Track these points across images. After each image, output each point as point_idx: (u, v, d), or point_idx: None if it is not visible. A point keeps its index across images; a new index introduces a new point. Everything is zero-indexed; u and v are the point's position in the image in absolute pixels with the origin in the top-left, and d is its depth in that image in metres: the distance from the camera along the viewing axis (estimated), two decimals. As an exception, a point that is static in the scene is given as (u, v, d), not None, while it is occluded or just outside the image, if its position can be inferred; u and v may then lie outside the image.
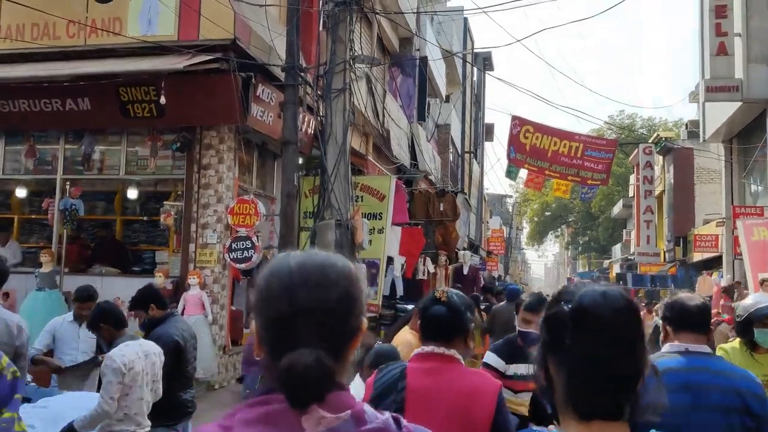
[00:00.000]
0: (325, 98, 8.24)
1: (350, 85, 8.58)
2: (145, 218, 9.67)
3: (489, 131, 37.37)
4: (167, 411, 3.81)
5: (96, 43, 7.75)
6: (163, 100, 7.33)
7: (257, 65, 8.04)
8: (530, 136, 20.41)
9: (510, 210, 58.40)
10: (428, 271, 12.23)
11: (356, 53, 8.96)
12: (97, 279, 7.94)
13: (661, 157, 29.23)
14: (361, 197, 9.95)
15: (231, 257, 8.07)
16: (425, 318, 2.35)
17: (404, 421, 1.10)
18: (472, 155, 30.12)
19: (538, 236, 58.25)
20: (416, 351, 2.32)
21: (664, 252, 28.77)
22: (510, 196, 59.05)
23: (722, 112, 18.79)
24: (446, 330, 2.30)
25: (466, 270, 13.02)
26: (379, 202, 9.92)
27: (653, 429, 1.21)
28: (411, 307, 10.74)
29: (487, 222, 42.91)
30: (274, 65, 8.31)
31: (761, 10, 16.10)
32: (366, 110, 11.85)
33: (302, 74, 8.27)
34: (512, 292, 9.77)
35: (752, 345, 3.39)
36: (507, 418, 2.26)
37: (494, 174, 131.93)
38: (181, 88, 7.90)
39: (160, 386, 3.66)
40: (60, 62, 7.83)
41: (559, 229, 58.88)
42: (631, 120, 49.46)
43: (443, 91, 22.35)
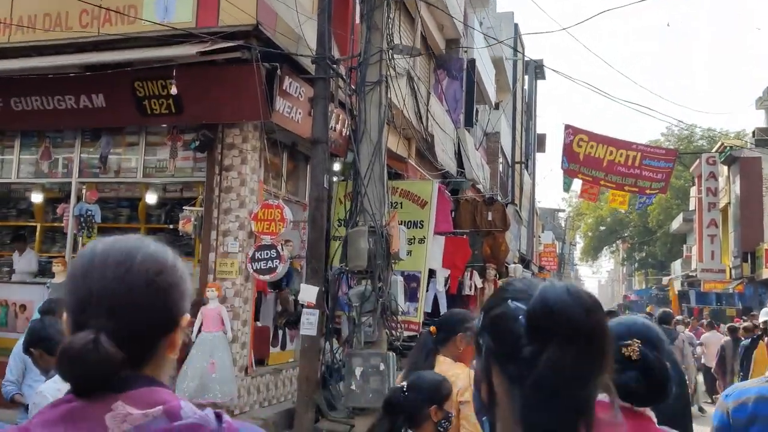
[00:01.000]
0: (359, 91, 7.41)
1: (387, 78, 7.74)
2: (171, 226, 8.97)
3: (541, 142, 36.13)
4: None
5: (110, 32, 7.11)
6: (175, 90, 6.64)
7: (283, 55, 7.28)
8: (584, 145, 19.59)
9: (563, 225, 56.80)
10: (475, 286, 11.23)
11: (395, 44, 8.12)
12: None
13: (726, 168, 27.48)
14: (401, 203, 9.07)
15: (254, 268, 7.28)
16: None
17: (226, 417, 1.01)
18: (523, 166, 28.93)
19: (593, 252, 56.36)
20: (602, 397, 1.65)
21: (730, 268, 26.94)
22: (563, 210, 57.49)
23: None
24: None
25: (517, 285, 12.00)
26: (420, 209, 9.01)
27: None
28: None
29: (539, 236, 41.56)
30: (303, 55, 7.53)
31: None
32: (407, 111, 10.99)
33: (334, 66, 7.48)
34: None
35: None
36: None
37: (547, 187, 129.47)
38: (201, 82, 7.20)
39: None
40: (72, 54, 7.23)
41: (615, 245, 56.81)
42: (690, 131, 47.42)
43: (493, 98, 21.39)
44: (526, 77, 32.05)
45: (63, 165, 8.41)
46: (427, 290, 9.14)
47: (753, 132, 26.13)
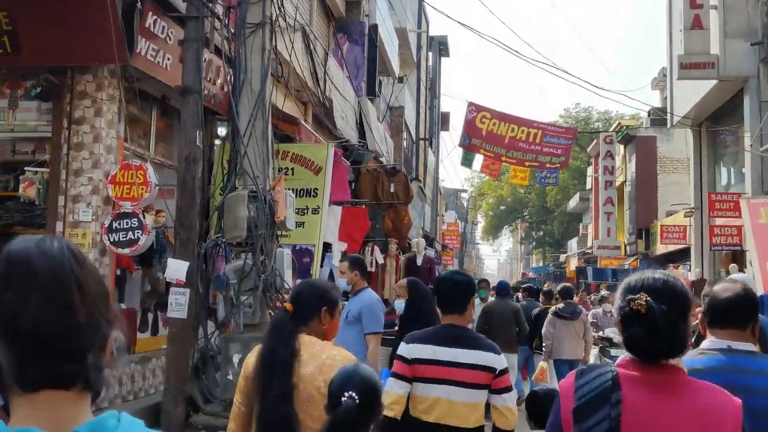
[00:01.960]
0: (238, 34, 6.36)
1: (273, 23, 6.72)
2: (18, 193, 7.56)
3: (445, 120, 35.86)
4: None
5: None
6: (8, 24, 5.34)
7: (145, -14, 6.10)
8: (487, 122, 19.58)
9: (465, 205, 57.36)
10: (376, 262, 10.44)
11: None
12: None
13: (623, 147, 28.13)
14: (292, 169, 8.10)
15: (111, 240, 6.11)
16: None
17: None
18: (427, 143, 28.47)
19: (493, 231, 57.34)
20: (626, 355, 1.80)
21: (625, 245, 27.68)
22: (465, 191, 58.05)
23: (692, 94, 17.50)
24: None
25: (420, 261, 11.28)
26: (314, 176, 8.08)
27: None
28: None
29: (443, 215, 41.56)
30: (171, -11, 6.38)
31: (741, -22, 14.84)
32: (302, 71, 9.98)
33: (209, 4, 6.39)
34: (503, 287, 9.47)
35: None
36: None
37: (452, 167, 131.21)
38: (43, 14, 5.92)
39: None
40: None
41: (514, 224, 57.99)
42: (587, 113, 48.78)
43: (396, 70, 20.61)
44: (431, 54, 31.61)
45: None
46: (322, 266, 8.24)
47: (648, 112, 26.80)
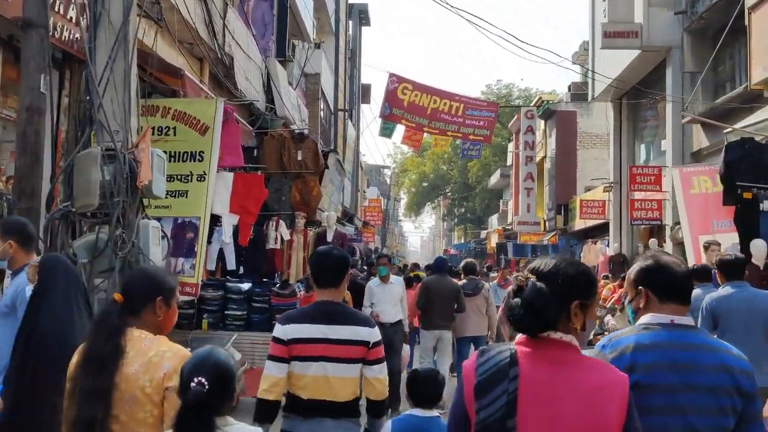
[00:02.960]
0: (91, -48, 5.11)
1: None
2: None
3: (365, 92, 34.83)
4: None
5: None
6: None
7: None
8: (408, 93, 19.00)
9: (388, 182, 56.75)
10: (281, 238, 9.36)
11: None
12: None
13: (543, 122, 27.90)
14: (173, 129, 6.90)
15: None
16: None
17: None
18: (347, 115, 27.38)
19: (416, 208, 57.02)
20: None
21: (544, 221, 27.58)
22: (388, 167, 57.41)
23: (613, 67, 17.16)
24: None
25: (331, 236, 10.28)
26: (200, 137, 6.89)
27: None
28: (246, 286, 7.83)
29: (364, 191, 40.75)
30: None
31: (664, -56, 14.43)
32: (194, 20, 8.72)
33: None
34: (441, 263, 9.10)
35: None
36: (639, 424, 1.86)
37: (374, 143, 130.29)
38: None
39: None
40: None
41: (436, 201, 57.88)
42: (508, 90, 48.87)
43: (312, 34, 19.39)
44: (351, 22, 30.43)
45: None
46: (210, 242, 7.12)
47: (569, 87, 26.62)
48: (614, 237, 19.09)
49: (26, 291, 3.50)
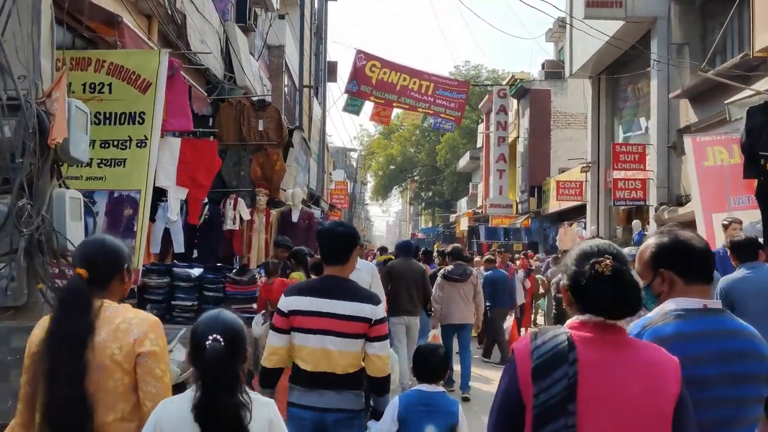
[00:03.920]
0: None
1: None
2: None
3: (332, 70, 33.45)
4: None
5: None
6: None
7: None
8: (377, 71, 18.35)
9: (354, 165, 55.66)
10: (241, 217, 8.31)
11: None
12: None
13: (516, 102, 27.12)
14: (109, 85, 5.80)
15: None
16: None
17: None
18: (313, 92, 26.18)
19: (383, 191, 55.97)
20: (578, 318, 1.89)
21: (517, 203, 26.90)
22: (354, 150, 56.30)
23: (593, 42, 16.34)
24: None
25: (296, 216, 9.24)
26: (141, 95, 5.80)
27: None
28: (197, 272, 6.69)
29: (330, 174, 39.62)
30: None
31: None
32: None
33: None
34: (406, 246, 8.58)
35: None
36: (689, 402, 1.83)
37: (341, 124, 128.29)
38: None
39: None
40: None
41: (404, 184, 56.95)
42: (477, 71, 48.06)
43: (275, 4, 18.19)
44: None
45: None
46: (153, 220, 6.04)
47: (542, 64, 25.84)
48: (591, 219, 18.42)
49: None
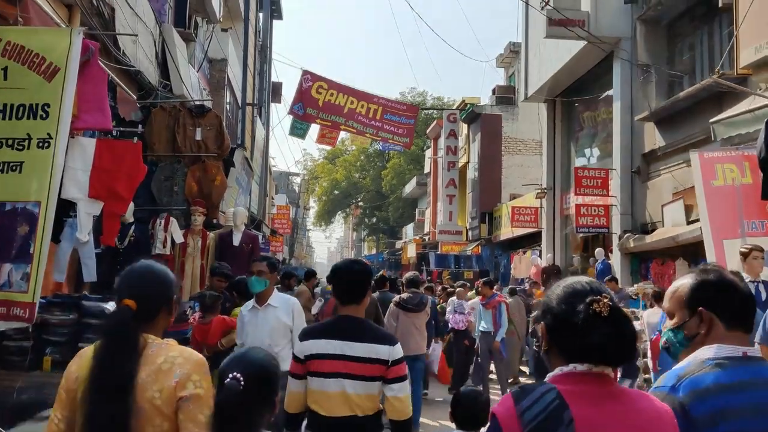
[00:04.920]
0: None
1: None
2: None
3: (276, 91, 32.38)
4: None
5: None
6: None
7: None
8: (324, 92, 17.40)
9: (297, 190, 54.36)
10: (173, 240, 7.08)
11: None
12: None
13: (466, 126, 26.58)
14: (4, 70, 4.60)
15: None
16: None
17: None
18: (256, 111, 25.00)
19: (326, 216, 54.78)
20: (561, 369, 1.68)
21: (467, 230, 26.20)
22: (297, 174, 55.02)
23: (550, 65, 15.85)
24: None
25: (238, 240, 8.05)
26: (45, 83, 4.62)
27: None
28: (108, 307, 5.38)
29: (272, 198, 38.24)
30: None
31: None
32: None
33: None
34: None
35: None
36: None
37: (284, 147, 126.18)
38: None
39: None
40: None
41: (347, 210, 55.92)
42: (422, 98, 47.86)
43: (218, 13, 17.06)
44: (261, 14, 28.13)
45: None
46: (59, 241, 4.80)
47: (493, 90, 25.42)
48: (547, 247, 17.77)
49: None
